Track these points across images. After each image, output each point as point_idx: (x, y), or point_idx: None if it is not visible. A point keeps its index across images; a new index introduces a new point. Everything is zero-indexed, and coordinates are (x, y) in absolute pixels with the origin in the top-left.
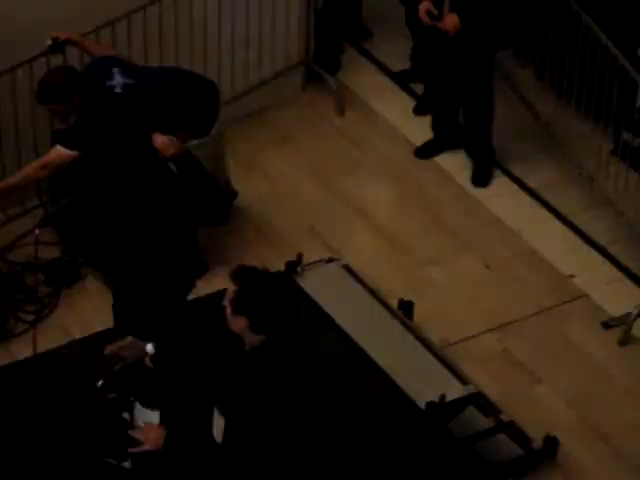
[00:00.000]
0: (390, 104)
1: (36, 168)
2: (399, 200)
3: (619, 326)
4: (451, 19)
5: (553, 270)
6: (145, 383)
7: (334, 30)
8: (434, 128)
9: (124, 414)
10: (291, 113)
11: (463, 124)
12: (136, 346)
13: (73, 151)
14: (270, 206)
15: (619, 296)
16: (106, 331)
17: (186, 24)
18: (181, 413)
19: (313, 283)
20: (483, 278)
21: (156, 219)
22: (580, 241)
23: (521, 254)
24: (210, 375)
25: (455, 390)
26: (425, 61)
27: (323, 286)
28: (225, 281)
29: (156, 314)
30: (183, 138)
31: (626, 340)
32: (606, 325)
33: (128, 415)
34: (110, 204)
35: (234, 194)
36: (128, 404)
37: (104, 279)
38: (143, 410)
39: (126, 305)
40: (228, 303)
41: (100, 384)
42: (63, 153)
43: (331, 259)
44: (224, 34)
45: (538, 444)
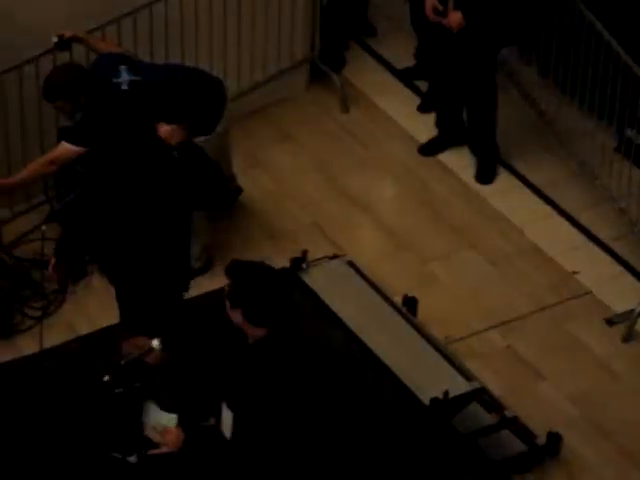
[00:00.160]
0: (394, 101)
1: (43, 164)
2: (403, 197)
3: (623, 322)
4: (455, 16)
5: (557, 267)
6: (151, 380)
7: (339, 27)
8: (438, 125)
9: (142, 418)
10: (296, 110)
11: (467, 121)
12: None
13: (79, 147)
14: (274, 203)
15: (623, 293)
16: (112, 327)
17: (192, 21)
18: (192, 411)
19: (318, 280)
20: (487, 275)
21: (160, 215)
22: (584, 238)
23: (525, 251)
24: (216, 370)
25: (459, 386)
26: (429, 59)
27: (328, 283)
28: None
29: (160, 311)
30: (185, 128)
31: (630, 336)
32: (610, 321)
33: (145, 418)
34: (115, 200)
35: (239, 191)
36: (140, 405)
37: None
38: (159, 412)
39: (130, 303)
40: (226, 297)
41: (106, 379)
42: (69, 149)
43: (335, 256)
44: (230, 31)
45: (542, 440)
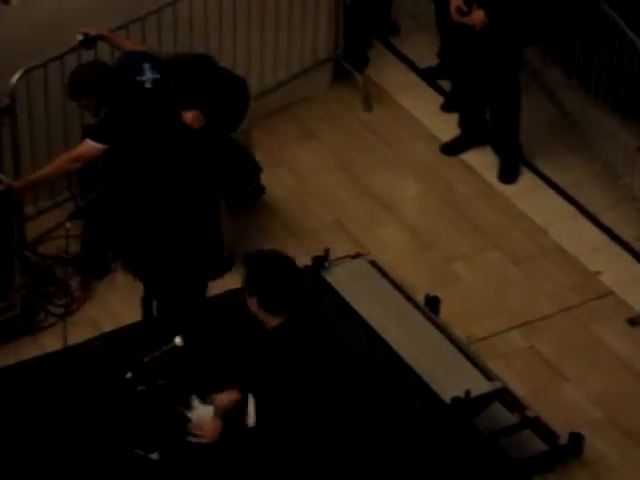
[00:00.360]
0: (418, 100)
1: (67, 161)
2: (426, 196)
3: None
4: (478, 14)
5: (580, 267)
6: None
7: (362, 26)
8: (461, 125)
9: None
10: (319, 109)
11: (490, 121)
12: None
13: (103, 145)
14: (297, 201)
15: None
16: (135, 324)
17: (216, 19)
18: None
19: (340, 278)
20: (510, 275)
21: (188, 201)
22: (607, 238)
23: (548, 251)
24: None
25: (481, 386)
26: (453, 58)
27: (350, 281)
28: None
29: (187, 304)
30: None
31: None
32: (632, 322)
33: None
34: (139, 198)
35: (261, 189)
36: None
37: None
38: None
39: (157, 299)
40: (243, 286)
41: (129, 376)
42: (93, 146)
43: (358, 254)
44: (253, 30)
45: (564, 440)
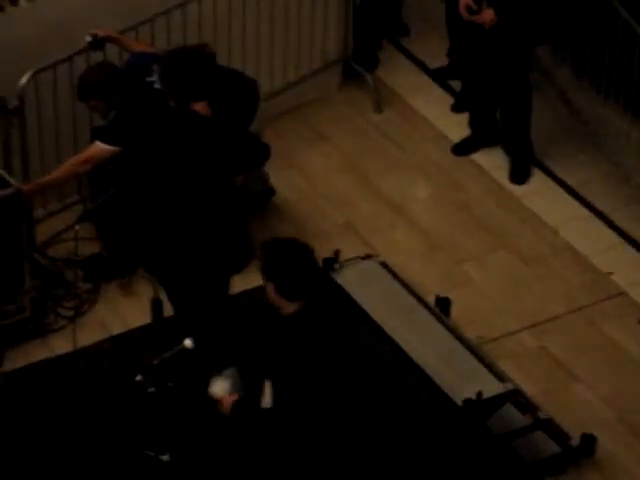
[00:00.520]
0: (428, 101)
1: (76, 164)
2: (436, 197)
3: None
4: (487, 12)
5: (591, 267)
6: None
7: (372, 27)
8: (472, 125)
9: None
10: (329, 110)
11: (501, 121)
12: None
13: (113, 146)
14: (307, 203)
15: None
16: (145, 327)
17: (225, 21)
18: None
19: (350, 279)
20: (520, 275)
21: (200, 207)
22: (618, 238)
23: (559, 251)
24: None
25: (492, 387)
26: (463, 58)
27: (360, 283)
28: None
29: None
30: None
31: None
32: None
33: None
34: (153, 197)
35: (271, 191)
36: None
37: (148, 276)
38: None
39: (181, 298)
40: (261, 272)
41: (139, 379)
42: (103, 148)
43: (368, 256)
44: (262, 31)
45: (576, 442)
